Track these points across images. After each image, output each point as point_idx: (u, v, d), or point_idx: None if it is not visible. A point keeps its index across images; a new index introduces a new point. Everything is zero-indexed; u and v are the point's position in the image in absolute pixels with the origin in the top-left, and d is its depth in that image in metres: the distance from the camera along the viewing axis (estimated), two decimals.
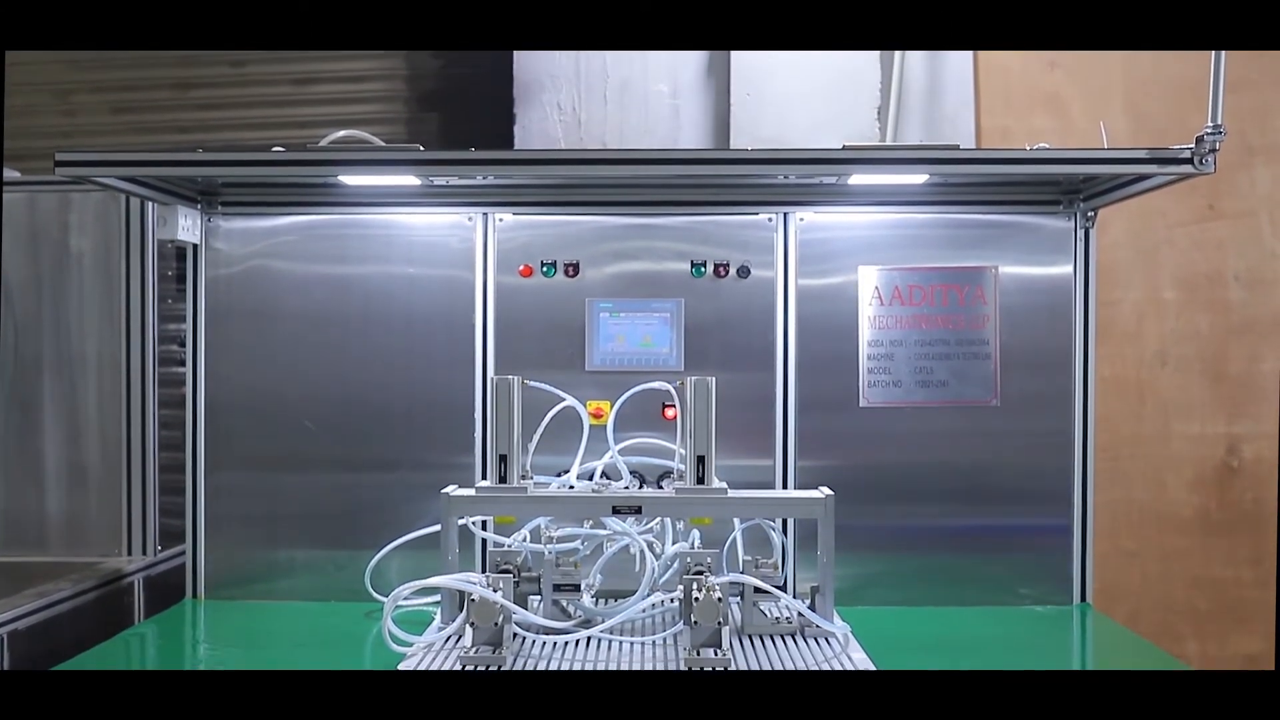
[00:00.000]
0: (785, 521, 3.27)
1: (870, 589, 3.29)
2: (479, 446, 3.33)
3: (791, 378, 3.32)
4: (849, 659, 2.64)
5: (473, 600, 2.63)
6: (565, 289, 3.34)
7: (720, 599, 2.63)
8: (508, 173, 3.20)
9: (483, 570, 3.18)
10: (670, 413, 3.22)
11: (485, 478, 3.27)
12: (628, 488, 2.95)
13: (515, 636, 2.70)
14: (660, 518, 2.96)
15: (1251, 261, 4.22)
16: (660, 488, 3.10)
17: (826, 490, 2.83)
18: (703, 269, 3.33)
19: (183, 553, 3.41)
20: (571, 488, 2.96)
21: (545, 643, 2.73)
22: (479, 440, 3.33)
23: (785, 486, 3.31)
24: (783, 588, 3.06)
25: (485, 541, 3.20)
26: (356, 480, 3.35)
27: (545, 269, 3.34)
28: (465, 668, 2.53)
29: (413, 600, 2.91)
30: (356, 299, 3.36)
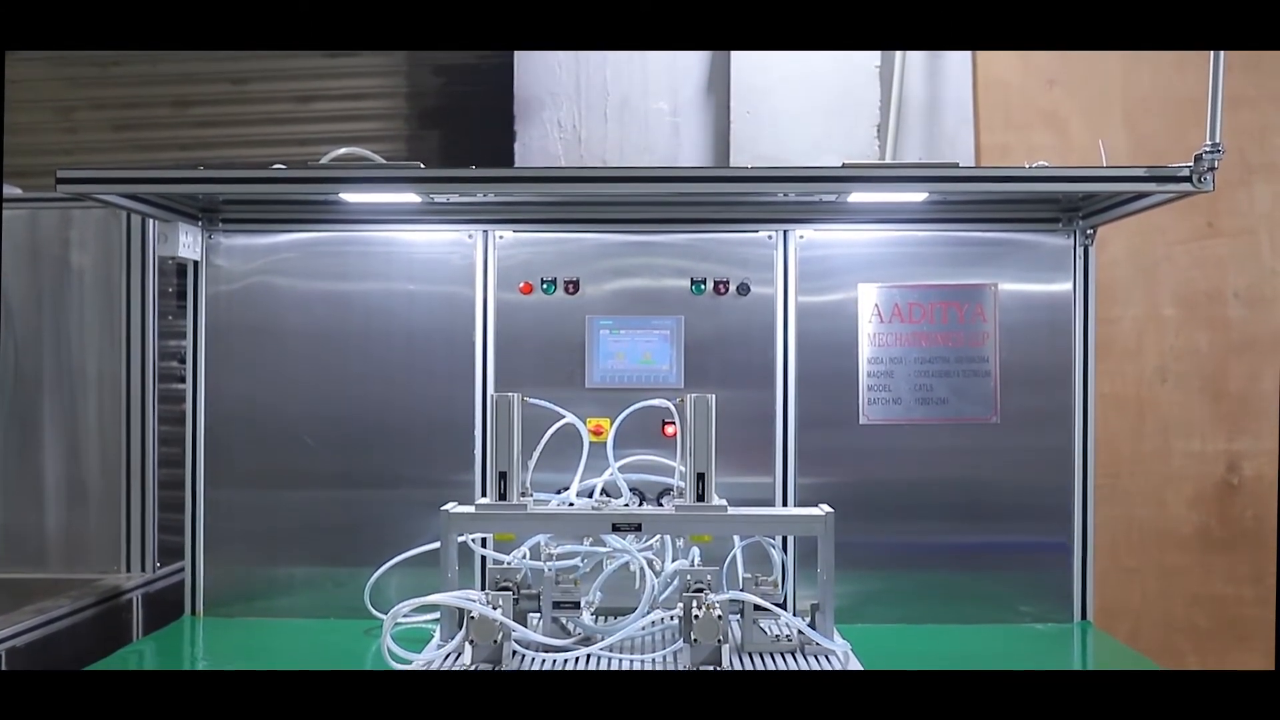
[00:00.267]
0: (785, 539, 3.26)
1: (870, 606, 3.29)
2: (479, 463, 3.33)
3: (791, 395, 3.32)
4: None
5: (472, 618, 2.62)
6: (565, 306, 3.35)
7: (720, 617, 2.63)
8: (508, 190, 3.20)
9: (482, 588, 3.18)
10: (670, 430, 3.22)
11: (485, 495, 3.27)
12: (627, 505, 2.95)
13: (515, 654, 2.70)
14: (660, 535, 2.96)
15: (1251, 279, 4.22)
16: (660, 505, 3.10)
17: (826, 508, 2.83)
18: (703, 286, 3.34)
19: (182, 569, 3.40)
20: (571, 505, 2.96)
21: (545, 660, 2.72)
22: (479, 457, 3.33)
23: (785, 504, 3.31)
24: (783, 605, 3.04)
25: (485, 559, 3.20)
26: (356, 497, 3.35)
27: (545, 286, 3.35)
28: None
29: (412, 618, 2.90)
30: (357, 316, 3.36)
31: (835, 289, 3.34)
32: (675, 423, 2.93)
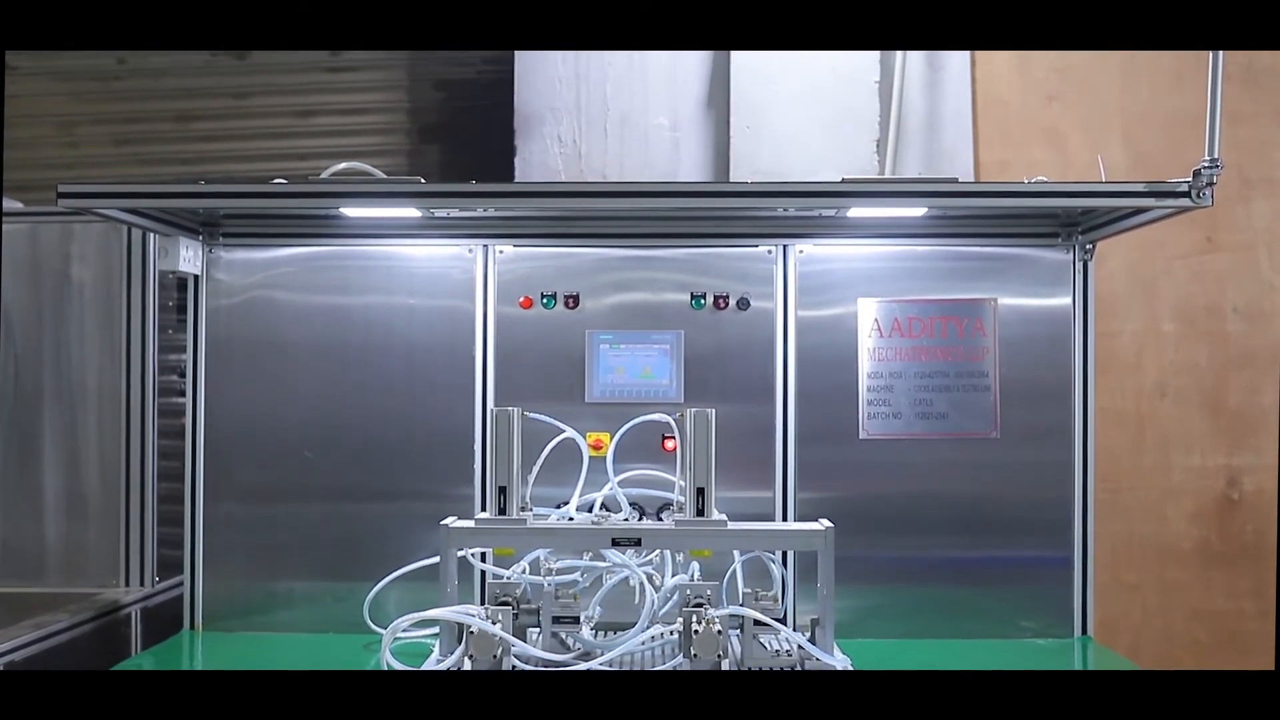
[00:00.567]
0: (785, 554, 3.26)
1: (871, 621, 3.28)
2: (478, 478, 3.33)
3: (791, 409, 3.32)
4: None
5: (471, 632, 2.62)
6: (565, 320, 3.35)
7: (720, 632, 2.63)
8: (508, 205, 3.21)
9: (482, 602, 3.17)
10: (670, 444, 3.22)
11: (485, 509, 3.27)
12: (627, 520, 2.94)
13: (514, 669, 2.69)
14: (660, 550, 2.96)
15: (1250, 294, 4.23)
16: (660, 520, 3.09)
17: (826, 522, 2.83)
18: (702, 300, 3.34)
19: (181, 584, 3.40)
20: (571, 519, 2.96)
21: None
22: (478, 471, 3.33)
23: (785, 518, 3.31)
24: (783, 620, 3.05)
25: (484, 573, 3.19)
26: (355, 511, 3.34)
27: (545, 300, 3.35)
28: None
29: (411, 632, 2.89)
30: (357, 330, 3.36)
31: (835, 303, 3.34)
32: (675, 437, 2.93)
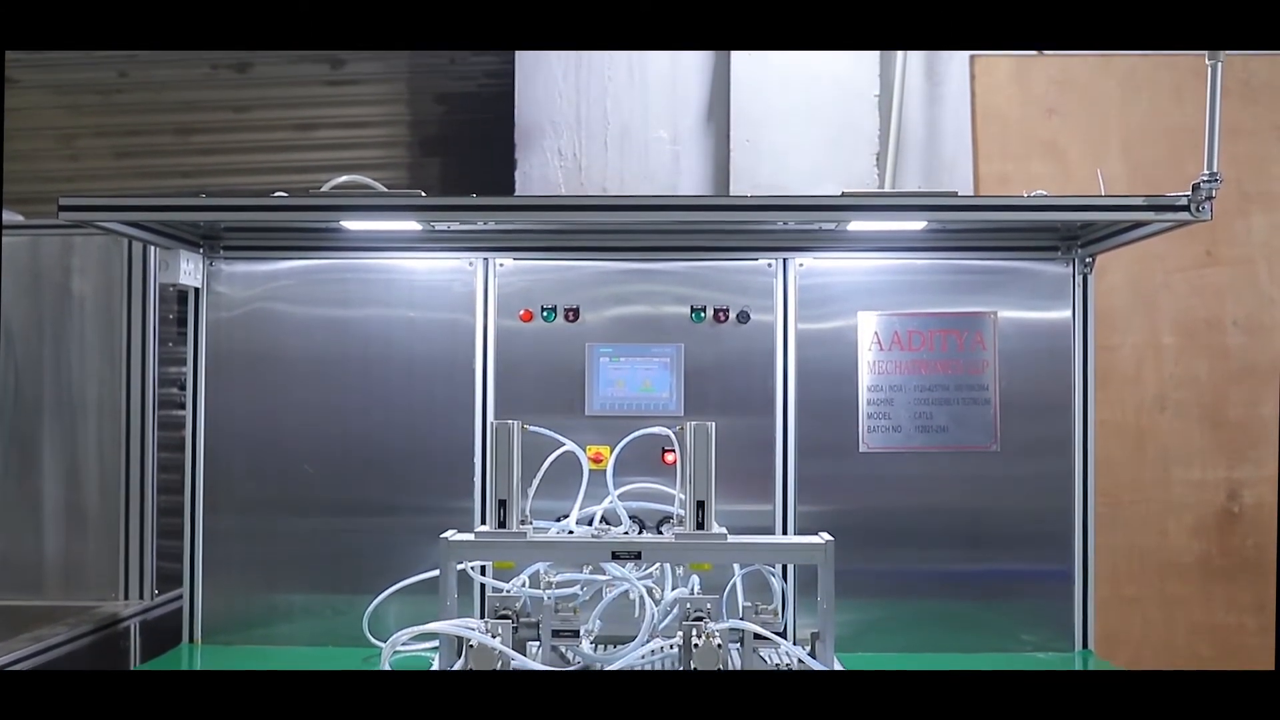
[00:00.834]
0: (785, 567, 3.25)
1: (871, 635, 3.27)
2: (478, 491, 3.33)
3: (791, 423, 3.32)
4: None
5: (471, 646, 2.61)
6: (565, 333, 3.35)
7: (720, 645, 2.62)
8: (509, 218, 3.22)
9: (482, 616, 3.16)
10: (670, 458, 3.21)
11: (484, 522, 3.26)
12: (627, 533, 2.94)
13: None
14: (660, 563, 2.95)
15: (1250, 307, 4.23)
16: (660, 533, 3.09)
17: (826, 536, 2.82)
18: (703, 314, 3.34)
19: (180, 597, 3.39)
20: (571, 533, 2.96)
21: None
22: (478, 485, 3.33)
23: (785, 532, 3.30)
24: (783, 634, 3.04)
25: (484, 587, 3.18)
26: (355, 524, 3.34)
27: (545, 313, 3.35)
28: None
29: (411, 646, 2.89)
30: (357, 343, 3.36)
31: (835, 316, 3.34)
32: (675, 450, 2.93)
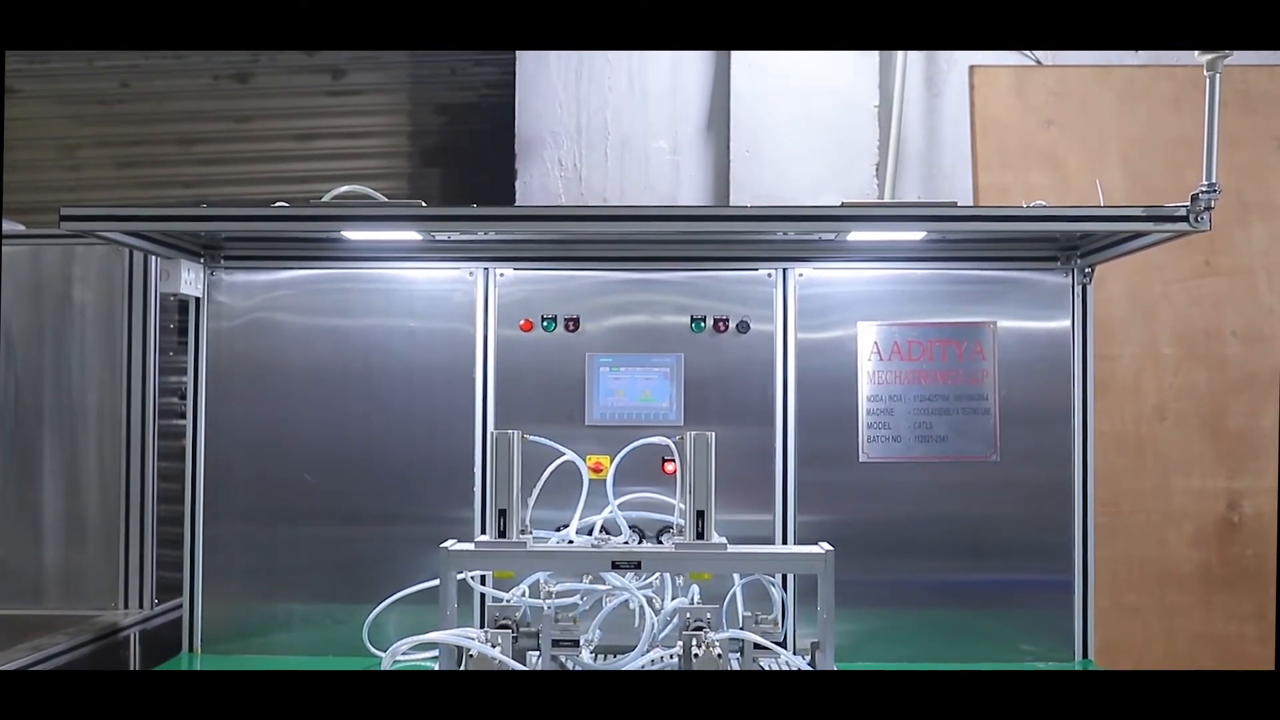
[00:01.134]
0: (785, 577, 3.25)
1: (871, 645, 3.27)
2: (478, 500, 3.33)
3: (791, 432, 3.32)
4: None
5: (471, 656, 2.61)
6: (565, 343, 3.35)
7: (720, 655, 2.62)
8: (509, 228, 3.22)
9: (482, 626, 3.17)
10: (670, 467, 3.21)
11: (484, 532, 3.26)
12: (627, 543, 2.95)
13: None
14: (659, 573, 2.95)
15: (1249, 317, 4.23)
16: (660, 543, 3.09)
17: (826, 545, 2.82)
18: (702, 324, 3.34)
19: (180, 606, 3.39)
20: (571, 542, 2.96)
21: None
22: (478, 494, 3.33)
23: (785, 541, 3.30)
24: (783, 644, 3.04)
25: (484, 596, 3.18)
26: (355, 534, 3.34)
27: (546, 323, 3.35)
28: None
29: (411, 656, 2.89)
30: (357, 352, 3.36)
31: (835, 327, 3.35)
32: (675, 460, 2.93)
